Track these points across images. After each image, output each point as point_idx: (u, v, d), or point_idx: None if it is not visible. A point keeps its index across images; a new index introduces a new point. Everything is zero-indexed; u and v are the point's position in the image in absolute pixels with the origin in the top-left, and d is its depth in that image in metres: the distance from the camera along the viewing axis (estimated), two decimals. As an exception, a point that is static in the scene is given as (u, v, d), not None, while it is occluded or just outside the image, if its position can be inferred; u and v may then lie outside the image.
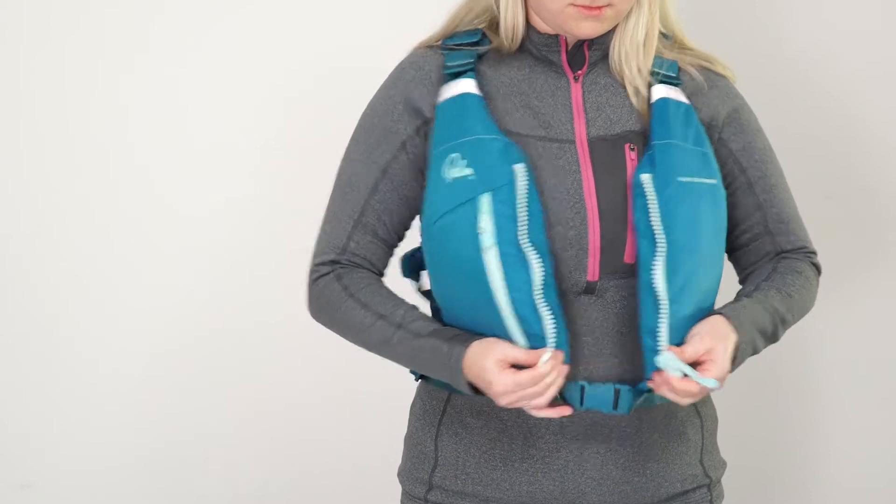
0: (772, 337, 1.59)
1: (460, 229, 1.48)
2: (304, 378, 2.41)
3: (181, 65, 2.36)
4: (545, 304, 1.45)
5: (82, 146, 2.36)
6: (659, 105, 1.56)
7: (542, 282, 1.45)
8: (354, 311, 1.54)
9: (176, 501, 2.42)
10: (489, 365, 1.44)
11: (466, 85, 1.55)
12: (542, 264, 1.46)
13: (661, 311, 1.47)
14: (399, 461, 1.69)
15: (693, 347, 1.47)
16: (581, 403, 1.50)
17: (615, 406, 1.50)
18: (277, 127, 2.38)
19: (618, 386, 1.50)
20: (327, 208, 1.62)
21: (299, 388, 2.42)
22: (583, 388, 1.49)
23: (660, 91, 1.57)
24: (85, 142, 2.36)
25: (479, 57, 1.59)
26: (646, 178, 1.50)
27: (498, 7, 1.59)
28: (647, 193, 1.50)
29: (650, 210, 1.49)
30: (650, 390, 1.50)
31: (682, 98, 1.58)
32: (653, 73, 1.58)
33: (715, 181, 1.55)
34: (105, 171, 2.36)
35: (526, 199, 1.47)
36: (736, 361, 1.51)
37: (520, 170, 1.48)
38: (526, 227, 1.46)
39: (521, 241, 1.46)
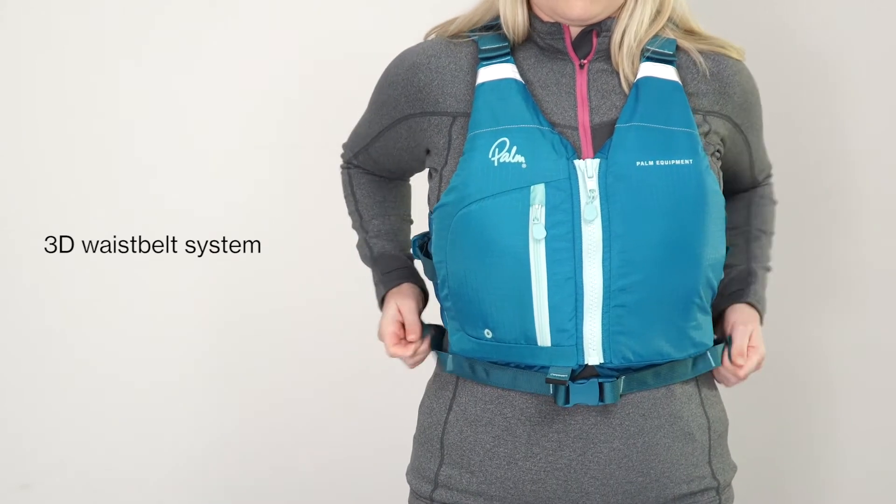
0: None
1: (503, 215, 1.49)
2: (312, 379, 2.42)
3: (182, 65, 2.37)
4: (597, 306, 1.49)
5: (84, 148, 2.36)
6: (637, 85, 1.55)
7: (603, 284, 1.48)
8: (350, 203, 1.82)
9: (177, 501, 2.43)
10: (391, 308, 1.69)
11: (506, 70, 1.56)
12: (601, 268, 1.48)
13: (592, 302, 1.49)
14: (408, 461, 1.70)
15: (739, 349, 1.63)
16: (567, 401, 1.51)
17: (601, 398, 1.51)
18: (280, 130, 2.39)
19: (602, 380, 1.51)
20: (363, 115, 1.76)
21: (307, 389, 2.42)
22: (567, 387, 1.51)
23: (644, 69, 1.56)
24: (86, 144, 2.36)
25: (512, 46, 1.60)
26: (592, 163, 1.50)
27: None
28: (593, 180, 1.50)
29: (593, 197, 1.49)
30: (627, 369, 1.52)
31: (671, 76, 1.57)
32: (643, 51, 1.57)
33: (690, 161, 1.52)
34: (107, 171, 2.37)
35: (588, 198, 1.49)
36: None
37: (580, 165, 1.50)
38: (584, 223, 1.49)
39: (585, 239, 1.48)
